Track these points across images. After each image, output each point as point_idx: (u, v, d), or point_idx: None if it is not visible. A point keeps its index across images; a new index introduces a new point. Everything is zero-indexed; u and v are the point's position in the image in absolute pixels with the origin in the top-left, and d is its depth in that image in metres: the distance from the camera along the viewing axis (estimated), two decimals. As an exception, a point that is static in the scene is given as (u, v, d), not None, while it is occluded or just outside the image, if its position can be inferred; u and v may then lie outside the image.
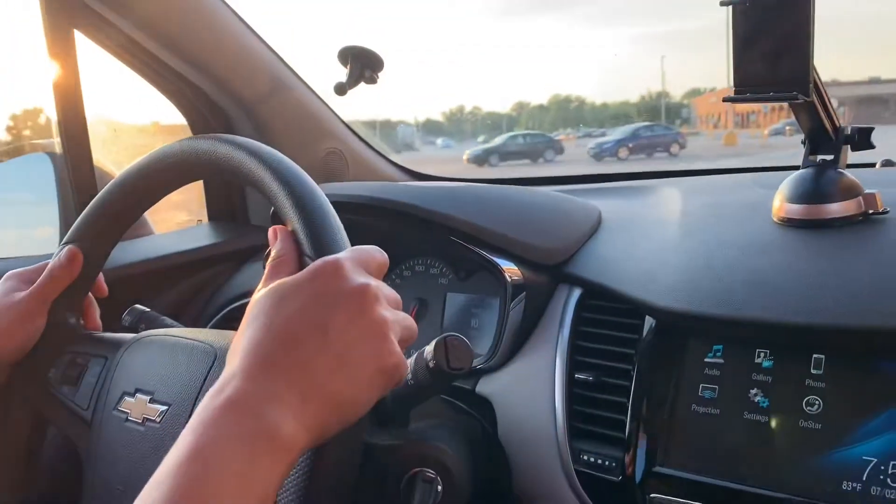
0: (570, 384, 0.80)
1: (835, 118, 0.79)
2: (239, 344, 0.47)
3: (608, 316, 0.82)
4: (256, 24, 1.26)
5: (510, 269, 0.86)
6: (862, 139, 0.79)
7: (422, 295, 1.00)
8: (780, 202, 0.80)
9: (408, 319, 0.52)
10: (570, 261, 0.89)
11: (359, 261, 0.51)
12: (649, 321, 0.77)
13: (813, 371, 0.67)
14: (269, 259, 0.54)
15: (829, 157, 0.80)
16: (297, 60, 1.34)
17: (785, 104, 0.75)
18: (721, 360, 0.71)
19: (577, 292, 0.86)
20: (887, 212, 0.77)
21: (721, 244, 0.80)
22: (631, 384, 0.75)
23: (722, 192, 1.04)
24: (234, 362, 0.46)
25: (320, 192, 0.57)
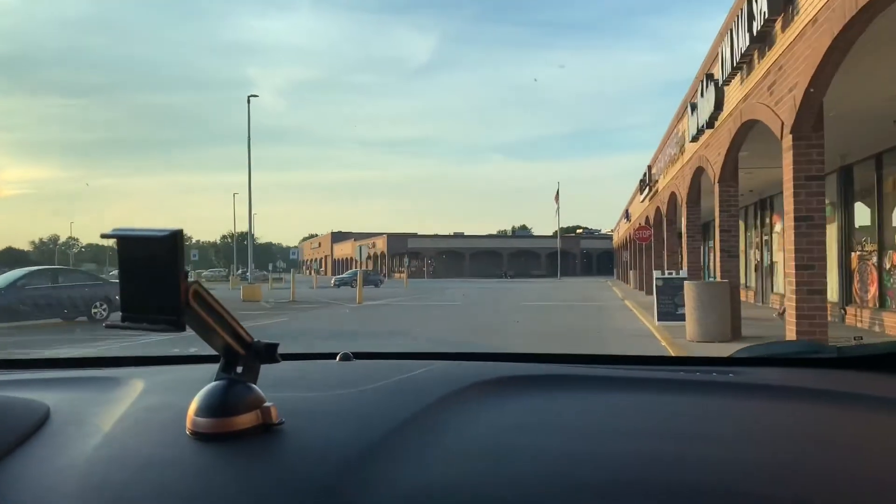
0: None
1: (244, 335, 0.85)
2: None
3: None
4: None
5: None
6: (269, 354, 0.87)
7: None
8: (191, 415, 0.83)
9: None
10: None
11: None
12: None
13: None
14: None
15: (240, 370, 0.86)
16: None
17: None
18: None
19: None
20: (282, 423, 0.84)
21: (126, 461, 0.80)
22: None
23: (164, 391, 1.05)
24: None
25: None
